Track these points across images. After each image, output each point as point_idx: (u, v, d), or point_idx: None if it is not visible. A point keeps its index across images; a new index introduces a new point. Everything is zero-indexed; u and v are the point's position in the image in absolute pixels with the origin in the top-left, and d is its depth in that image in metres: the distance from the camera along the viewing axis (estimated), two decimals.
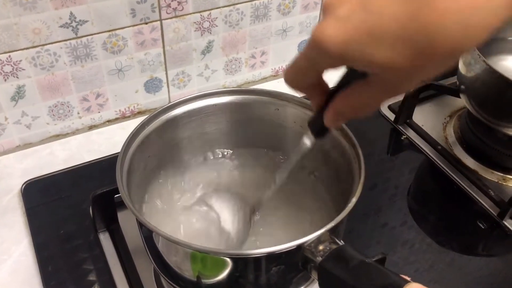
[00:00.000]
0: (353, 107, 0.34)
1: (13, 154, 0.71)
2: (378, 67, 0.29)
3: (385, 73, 0.29)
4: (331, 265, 0.37)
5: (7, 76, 0.64)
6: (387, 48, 0.27)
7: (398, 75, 0.29)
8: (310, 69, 0.33)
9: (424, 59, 0.27)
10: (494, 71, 0.62)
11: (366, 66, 0.29)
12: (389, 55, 0.27)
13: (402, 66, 0.28)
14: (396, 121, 0.78)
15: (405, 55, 0.27)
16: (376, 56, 0.28)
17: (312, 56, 0.32)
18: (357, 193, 0.42)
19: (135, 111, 0.78)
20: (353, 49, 0.28)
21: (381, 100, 0.32)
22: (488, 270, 0.61)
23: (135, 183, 0.48)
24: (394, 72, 0.29)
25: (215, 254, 0.40)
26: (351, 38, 0.28)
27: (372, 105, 0.33)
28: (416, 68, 0.28)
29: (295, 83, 0.35)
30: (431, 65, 0.28)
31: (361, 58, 0.28)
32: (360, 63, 0.29)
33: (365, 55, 0.28)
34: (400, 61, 0.27)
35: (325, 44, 0.29)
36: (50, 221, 0.61)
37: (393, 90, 0.31)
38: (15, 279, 0.56)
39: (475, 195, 0.67)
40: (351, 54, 0.28)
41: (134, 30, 0.69)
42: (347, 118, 0.35)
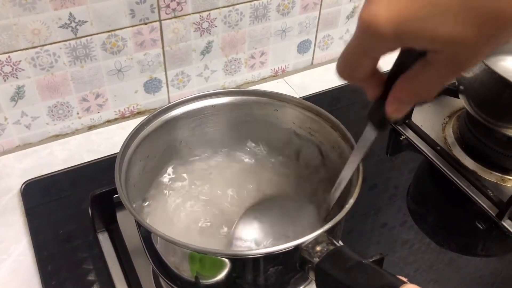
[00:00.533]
0: (416, 92, 0.31)
1: (13, 154, 0.71)
2: (442, 43, 0.26)
3: (450, 49, 0.26)
4: (328, 266, 0.37)
5: (6, 77, 0.65)
6: (451, 20, 0.25)
7: (465, 50, 0.26)
8: (364, 58, 0.30)
9: (491, 29, 0.25)
10: (493, 72, 0.62)
11: (428, 44, 0.27)
12: (454, 28, 0.25)
13: (469, 39, 0.25)
14: (395, 122, 0.78)
15: (471, 27, 0.25)
16: (440, 31, 0.25)
17: (364, 43, 0.29)
18: (355, 195, 0.42)
19: (134, 112, 0.78)
20: (412, 27, 0.26)
21: (446, 80, 0.29)
22: (487, 270, 0.61)
23: (133, 183, 0.48)
24: (460, 46, 0.26)
25: (213, 254, 0.40)
26: (408, 14, 0.25)
27: (436, 87, 0.30)
28: (484, 39, 0.26)
29: (350, 75, 0.32)
30: (499, 35, 0.26)
31: (422, 36, 0.26)
32: (421, 41, 0.26)
33: (426, 32, 0.26)
34: (467, 34, 0.25)
35: (379, 26, 0.26)
36: (49, 221, 0.62)
37: (459, 67, 0.28)
38: (15, 279, 0.56)
39: (474, 196, 0.67)
40: (410, 32, 0.26)
41: (134, 30, 0.69)
42: (410, 104, 0.32)
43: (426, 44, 0.27)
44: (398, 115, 0.33)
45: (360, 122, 0.39)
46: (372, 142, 0.39)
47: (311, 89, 0.86)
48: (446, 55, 0.27)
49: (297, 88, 0.87)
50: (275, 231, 0.50)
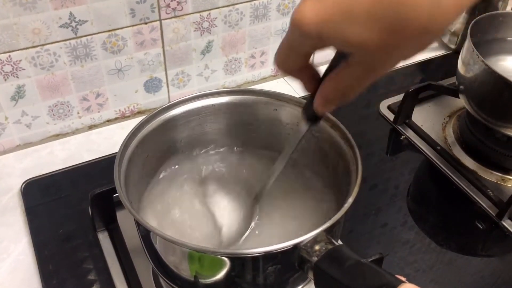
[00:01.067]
0: (338, 91, 0.34)
1: (13, 153, 0.72)
2: (353, 47, 0.29)
3: (361, 52, 0.29)
4: (327, 265, 0.37)
5: (7, 76, 0.65)
6: (360, 26, 0.28)
7: (374, 55, 0.29)
8: (294, 51, 0.33)
9: (396, 38, 0.27)
10: (493, 72, 0.62)
11: (342, 46, 0.30)
12: (362, 34, 0.28)
13: (375, 44, 0.28)
14: (395, 121, 0.78)
15: (377, 34, 0.27)
16: (350, 35, 0.28)
17: (293, 38, 0.32)
18: (354, 194, 0.42)
19: (134, 111, 0.79)
20: (329, 29, 0.29)
21: (363, 81, 0.32)
22: (487, 270, 0.61)
23: (133, 183, 0.48)
24: (369, 51, 0.29)
25: (212, 253, 0.40)
26: (326, 17, 0.28)
27: (356, 88, 0.33)
28: (390, 47, 0.28)
29: (284, 66, 0.36)
30: (404, 44, 0.28)
31: (336, 38, 0.29)
32: (336, 42, 0.30)
33: (340, 34, 0.28)
34: (373, 40, 0.28)
35: (303, 25, 0.29)
36: (49, 221, 0.62)
37: (372, 71, 0.31)
38: (15, 278, 0.56)
39: (474, 196, 0.67)
40: (327, 33, 0.29)
41: (134, 30, 0.69)
42: (334, 102, 0.35)
43: (341, 46, 0.30)
44: (324, 111, 0.37)
45: (359, 122, 0.40)
46: (304, 135, 0.42)
47: None
48: (359, 59, 0.30)
49: (298, 87, 0.87)
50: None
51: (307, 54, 0.34)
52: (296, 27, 0.30)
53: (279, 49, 0.34)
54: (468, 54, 0.66)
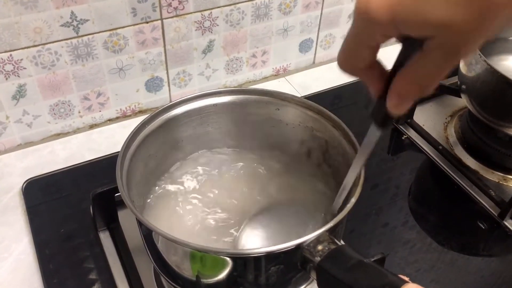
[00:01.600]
0: (415, 84, 0.30)
1: (14, 153, 0.71)
2: (437, 28, 0.26)
3: (443, 34, 0.26)
4: (330, 265, 0.37)
5: (8, 75, 0.64)
6: (444, 4, 0.25)
7: (459, 35, 0.26)
8: (361, 46, 0.30)
9: (485, 13, 0.25)
10: (495, 71, 0.61)
11: (422, 28, 0.26)
12: (447, 12, 0.25)
13: (462, 23, 0.25)
14: (397, 121, 0.78)
15: (464, 10, 0.25)
16: (432, 15, 0.25)
17: (361, 30, 0.29)
18: (356, 194, 0.42)
19: (136, 110, 0.78)
20: (405, 11, 0.26)
21: (444, 68, 0.28)
22: (489, 270, 0.61)
23: (135, 182, 0.48)
24: (453, 31, 0.26)
25: (214, 253, 0.40)
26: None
27: (436, 77, 0.29)
28: (477, 24, 0.25)
29: (349, 66, 0.32)
30: (494, 19, 0.25)
31: (415, 20, 0.26)
32: (414, 26, 0.26)
33: (419, 15, 0.25)
34: (461, 17, 0.25)
35: (373, 11, 0.26)
36: (50, 220, 0.62)
37: (455, 54, 0.27)
38: (16, 278, 0.56)
39: (476, 195, 0.67)
40: (403, 16, 0.26)
41: (135, 29, 0.69)
42: (411, 98, 0.31)
43: (420, 29, 0.27)
44: (400, 111, 0.32)
45: (362, 121, 0.39)
46: (376, 142, 0.38)
47: (313, 88, 0.86)
48: (440, 41, 0.27)
49: (299, 87, 0.87)
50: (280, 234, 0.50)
51: (377, 46, 0.30)
52: (364, 15, 0.27)
53: (343, 46, 0.31)
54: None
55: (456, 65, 0.29)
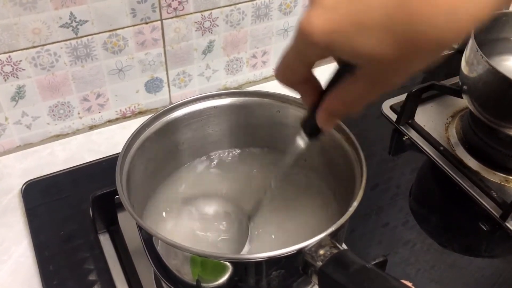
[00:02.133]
0: (344, 104, 0.33)
1: (14, 154, 0.71)
2: (364, 58, 0.28)
3: (372, 64, 0.29)
4: (332, 270, 0.36)
5: (7, 76, 0.64)
6: (373, 38, 0.27)
7: (385, 67, 0.28)
8: (298, 62, 0.32)
9: (410, 50, 0.27)
10: (496, 72, 0.61)
11: (352, 57, 0.29)
12: (375, 45, 0.27)
13: (388, 57, 0.27)
14: (398, 122, 0.78)
15: (391, 46, 0.27)
16: (362, 46, 0.27)
17: (299, 48, 0.31)
18: (359, 197, 0.41)
19: (135, 111, 0.78)
20: (340, 39, 0.28)
21: (371, 94, 0.31)
22: (490, 271, 0.60)
23: (135, 185, 0.48)
24: (380, 63, 0.28)
25: (215, 258, 0.40)
26: (337, 27, 0.27)
27: (362, 101, 0.32)
28: (403, 59, 0.27)
29: (285, 79, 0.34)
30: (417, 57, 0.27)
31: (347, 49, 0.28)
32: (346, 53, 0.28)
33: (351, 45, 0.28)
34: (386, 52, 0.27)
35: (312, 34, 0.28)
36: (50, 222, 0.61)
37: (381, 83, 0.30)
38: (15, 280, 0.56)
39: (477, 196, 0.67)
40: (337, 44, 0.28)
41: (135, 30, 0.68)
42: (339, 116, 0.34)
43: (351, 57, 0.29)
44: (327, 126, 0.36)
45: (361, 122, 0.39)
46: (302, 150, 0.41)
47: None
48: (369, 71, 0.29)
49: None
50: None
51: (312, 64, 0.33)
52: (304, 36, 0.29)
53: (281, 60, 0.33)
54: (472, 54, 0.65)
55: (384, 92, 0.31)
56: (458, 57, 0.71)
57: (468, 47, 0.67)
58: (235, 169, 0.57)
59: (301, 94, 0.36)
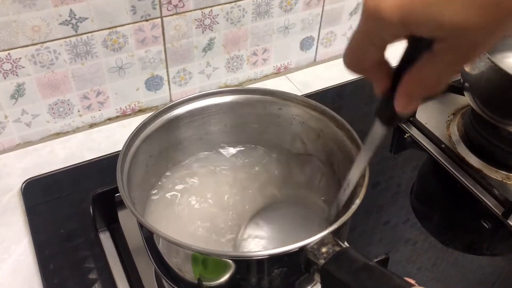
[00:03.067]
0: (424, 85, 0.30)
1: (13, 152, 0.71)
2: (449, 29, 0.25)
3: (456, 36, 0.26)
4: (334, 268, 0.36)
5: (6, 74, 0.64)
6: (458, 6, 0.24)
7: (472, 36, 0.26)
8: (370, 46, 0.30)
9: (498, 15, 0.25)
10: (499, 69, 0.61)
11: (434, 30, 0.26)
12: (460, 14, 0.24)
13: (475, 24, 0.25)
14: (402, 118, 0.78)
15: (478, 12, 0.24)
16: (446, 16, 0.25)
17: (370, 29, 0.28)
18: (361, 195, 0.41)
19: (136, 109, 0.78)
20: (418, 11, 0.25)
21: (453, 70, 0.28)
22: (492, 269, 0.60)
23: (136, 183, 0.48)
24: (467, 33, 0.25)
25: (216, 256, 0.40)
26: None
27: (444, 78, 0.29)
28: (490, 26, 0.25)
29: (356, 65, 0.31)
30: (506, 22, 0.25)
31: (428, 21, 0.25)
32: (427, 27, 0.26)
33: (432, 16, 0.25)
34: (473, 19, 0.24)
35: (384, 11, 0.26)
36: (50, 220, 0.61)
37: (466, 56, 0.27)
38: (15, 279, 0.56)
39: (479, 194, 0.66)
40: (416, 17, 0.25)
41: (135, 27, 0.68)
42: (419, 98, 0.31)
43: (432, 31, 0.26)
44: (408, 110, 0.32)
45: (363, 119, 0.38)
46: (381, 140, 0.38)
47: (314, 86, 0.85)
48: (451, 43, 0.26)
49: (300, 85, 0.86)
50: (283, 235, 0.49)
51: (385, 46, 0.30)
52: (374, 15, 0.26)
53: (350, 45, 0.30)
54: None
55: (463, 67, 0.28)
56: None
57: None
58: (236, 167, 0.57)
59: (373, 80, 0.33)
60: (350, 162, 0.47)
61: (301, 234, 0.39)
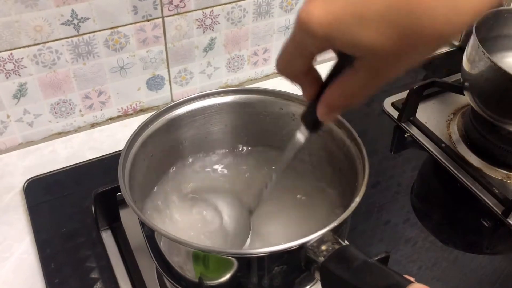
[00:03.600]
0: (343, 97, 0.33)
1: (15, 152, 0.71)
2: (364, 50, 0.28)
3: (371, 56, 0.28)
4: (334, 266, 0.36)
5: (9, 74, 0.64)
6: (373, 29, 0.27)
7: (384, 59, 0.28)
8: (298, 53, 0.32)
9: (410, 42, 0.27)
10: (498, 68, 0.61)
11: (351, 49, 0.29)
12: (374, 37, 0.27)
13: (387, 49, 0.27)
14: (400, 119, 0.78)
15: (390, 38, 0.27)
16: (361, 38, 0.27)
17: (298, 39, 0.31)
18: (361, 193, 0.41)
19: (137, 109, 0.78)
20: (339, 31, 0.28)
21: (370, 86, 0.31)
22: (492, 268, 0.60)
23: (137, 182, 0.48)
24: (379, 55, 0.28)
25: (217, 253, 0.40)
26: (336, 18, 0.27)
27: (362, 93, 0.32)
28: (402, 51, 0.27)
29: (285, 70, 0.34)
30: (417, 49, 0.27)
31: (346, 40, 0.28)
32: (345, 45, 0.28)
33: (350, 37, 0.27)
34: (386, 44, 0.27)
35: (311, 26, 0.28)
36: (52, 219, 0.61)
37: (380, 75, 0.30)
38: (18, 277, 0.56)
39: (479, 193, 0.67)
40: (337, 35, 0.28)
41: (136, 27, 0.68)
42: (339, 109, 0.34)
43: (350, 49, 0.29)
44: (328, 119, 0.35)
45: (363, 119, 0.39)
46: (303, 144, 0.41)
47: None
48: (368, 63, 0.29)
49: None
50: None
51: (312, 56, 0.33)
52: (303, 27, 0.29)
53: (282, 51, 0.33)
54: (474, 51, 0.65)
55: (384, 83, 0.31)
56: (460, 54, 0.71)
57: (470, 44, 0.67)
58: (237, 166, 0.57)
59: (301, 87, 0.36)
60: (350, 161, 0.48)
61: (300, 232, 0.39)
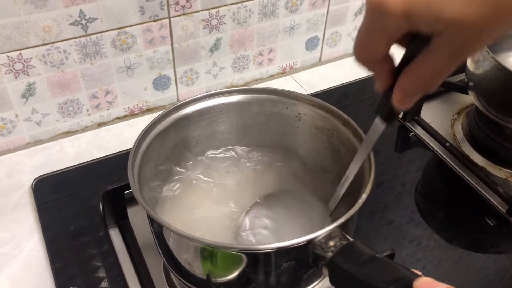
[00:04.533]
0: (420, 81, 0.30)
1: (24, 151, 0.72)
2: (447, 23, 0.26)
3: (454, 30, 0.26)
4: (342, 261, 0.37)
5: (18, 74, 0.65)
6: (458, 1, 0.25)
7: (469, 31, 0.26)
8: (375, 38, 0.30)
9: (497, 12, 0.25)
10: (503, 68, 0.61)
11: (433, 24, 0.27)
12: (460, 8, 0.25)
13: (473, 20, 0.25)
14: (404, 118, 0.78)
15: (477, 8, 0.25)
16: (445, 10, 0.25)
17: (374, 23, 0.29)
18: (368, 190, 0.42)
19: (143, 109, 0.79)
20: (419, 5, 0.26)
21: (449, 66, 0.29)
22: (497, 267, 0.61)
23: (145, 180, 0.49)
24: (464, 27, 0.26)
25: (225, 249, 0.40)
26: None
27: (440, 74, 0.30)
28: (490, 21, 0.26)
29: (362, 55, 0.32)
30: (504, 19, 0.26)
31: (427, 14, 0.26)
32: (426, 20, 0.27)
33: (433, 10, 0.26)
34: (472, 15, 0.25)
35: (388, 4, 0.27)
36: (60, 217, 0.62)
37: (461, 52, 0.28)
38: (27, 273, 0.57)
39: (484, 192, 0.67)
40: (418, 10, 0.26)
41: (143, 27, 0.69)
42: (416, 94, 0.32)
43: (432, 24, 0.27)
44: (404, 106, 0.33)
45: (368, 119, 0.39)
46: (380, 136, 0.39)
47: (319, 86, 0.86)
48: (449, 38, 0.27)
49: (305, 85, 0.87)
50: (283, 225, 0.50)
51: (391, 40, 0.31)
52: (377, 7, 0.27)
53: (359, 36, 0.31)
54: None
55: (461, 63, 0.29)
56: None
57: None
58: (243, 165, 0.58)
59: (376, 74, 0.34)
60: None
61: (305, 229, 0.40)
